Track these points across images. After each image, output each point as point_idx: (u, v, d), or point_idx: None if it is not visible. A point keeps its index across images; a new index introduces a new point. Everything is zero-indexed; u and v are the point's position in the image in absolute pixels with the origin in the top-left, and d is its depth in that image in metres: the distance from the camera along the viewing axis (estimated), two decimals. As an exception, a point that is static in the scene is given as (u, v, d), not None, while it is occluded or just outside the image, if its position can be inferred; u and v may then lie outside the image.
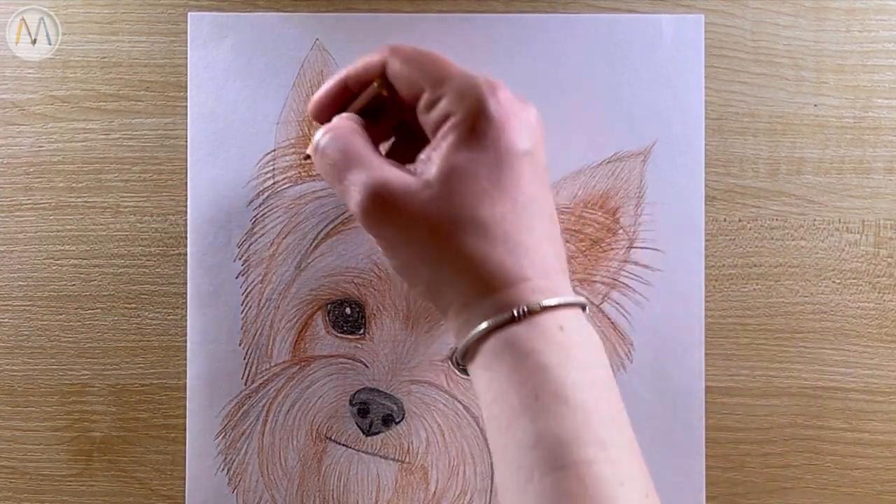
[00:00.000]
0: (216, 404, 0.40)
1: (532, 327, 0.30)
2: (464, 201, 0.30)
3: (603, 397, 0.29)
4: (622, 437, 0.29)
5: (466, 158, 0.31)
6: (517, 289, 0.30)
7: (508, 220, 0.31)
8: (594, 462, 0.27)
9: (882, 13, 0.40)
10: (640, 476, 0.29)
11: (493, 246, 0.30)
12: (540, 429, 0.28)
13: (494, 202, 0.31)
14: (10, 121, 0.40)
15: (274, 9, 0.40)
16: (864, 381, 0.40)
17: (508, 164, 0.31)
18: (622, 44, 0.40)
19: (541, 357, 0.29)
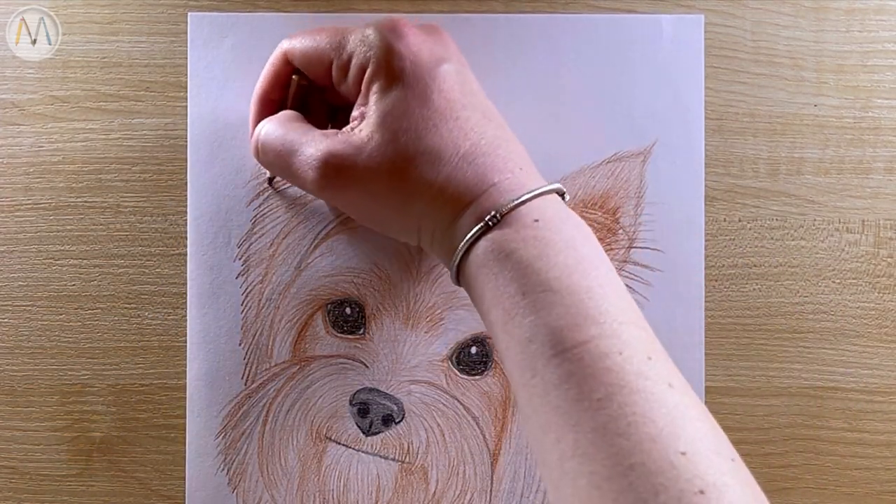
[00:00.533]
0: (216, 404, 0.40)
1: (507, 227, 0.30)
2: (407, 137, 0.31)
3: (591, 275, 0.29)
4: (615, 309, 0.29)
5: (394, 99, 0.31)
6: (486, 196, 0.31)
7: (456, 136, 0.31)
8: (590, 340, 0.27)
9: (882, 13, 0.40)
10: (639, 340, 0.28)
11: (451, 165, 0.31)
12: (532, 322, 0.28)
13: (437, 125, 0.31)
14: (10, 121, 0.40)
15: (274, 9, 0.40)
16: (864, 381, 0.40)
17: (435, 86, 0.32)
18: (622, 44, 0.40)
19: (520, 254, 0.29)
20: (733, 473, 0.26)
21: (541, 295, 0.29)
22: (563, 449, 0.27)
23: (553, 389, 0.27)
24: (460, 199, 0.31)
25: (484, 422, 0.40)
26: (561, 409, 0.27)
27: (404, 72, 0.32)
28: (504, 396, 0.40)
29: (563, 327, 0.28)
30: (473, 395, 0.40)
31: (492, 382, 0.40)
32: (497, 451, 0.40)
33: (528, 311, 0.29)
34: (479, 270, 0.31)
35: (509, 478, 0.40)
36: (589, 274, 0.29)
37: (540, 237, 0.30)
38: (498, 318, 0.30)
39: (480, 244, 0.31)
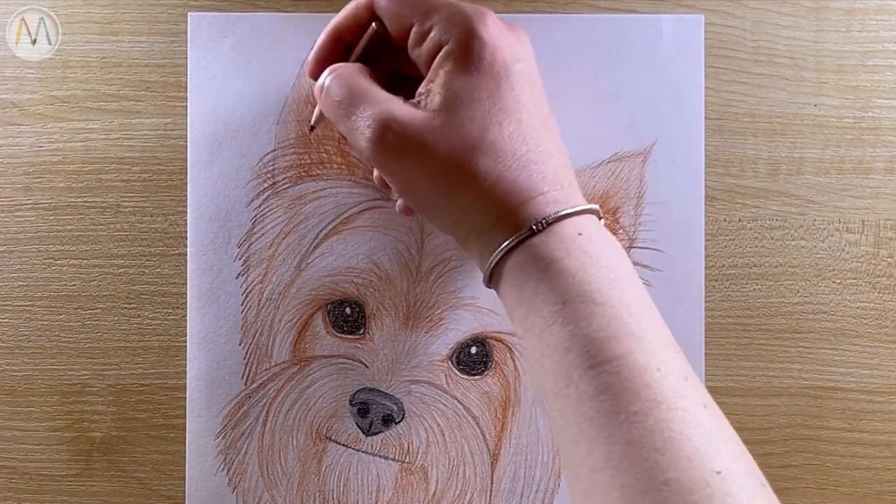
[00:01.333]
0: (216, 404, 0.40)
1: (552, 237, 0.30)
2: (472, 126, 0.31)
3: (630, 293, 0.29)
4: (653, 328, 0.29)
5: (466, 84, 0.31)
6: (533, 203, 0.31)
7: (516, 137, 0.31)
8: (629, 354, 0.27)
9: (882, 13, 0.40)
10: (675, 360, 0.28)
11: (505, 165, 0.31)
12: (572, 332, 0.28)
13: (501, 122, 0.31)
14: (10, 121, 0.40)
15: (274, 9, 0.40)
16: (864, 381, 0.40)
17: (508, 83, 0.31)
18: (622, 44, 0.40)
19: (564, 263, 0.29)
20: (765, 497, 0.26)
21: (582, 305, 0.29)
22: (594, 460, 0.27)
23: (588, 400, 0.27)
24: (507, 201, 0.31)
25: (484, 422, 0.40)
26: (595, 421, 0.27)
27: (482, 60, 0.31)
28: (504, 396, 0.40)
29: (602, 339, 0.28)
30: (473, 395, 0.40)
31: (492, 382, 0.40)
32: (497, 451, 0.40)
33: (568, 321, 0.29)
34: (519, 275, 0.31)
35: (509, 478, 0.40)
36: (628, 291, 0.29)
37: (584, 250, 0.30)
38: (535, 324, 0.30)
39: (522, 249, 0.31)
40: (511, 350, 0.40)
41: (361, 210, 0.40)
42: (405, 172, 0.33)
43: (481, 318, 0.40)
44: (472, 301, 0.40)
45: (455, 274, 0.40)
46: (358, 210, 0.40)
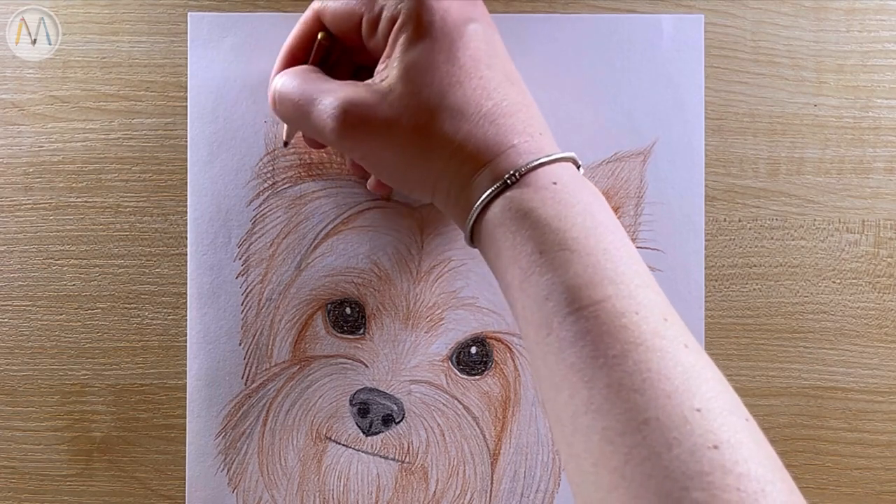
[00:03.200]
0: (216, 404, 0.40)
1: (526, 187, 0.30)
2: (431, 90, 0.31)
3: (607, 238, 0.29)
4: (632, 272, 0.29)
5: (420, 52, 0.31)
6: (505, 156, 0.31)
7: (479, 95, 0.31)
8: (606, 299, 0.28)
9: (882, 13, 0.40)
10: (655, 302, 0.28)
11: (471, 123, 0.31)
12: (550, 280, 0.28)
13: (461, 82, 0.31)
14: (10, 121, 0.40)
15: (274, 9, 0.40)
16: (864, 381, 0.40)
17: (462, 43, 0.32)
18: (622, 44, 0.40)
19: (538, 213, 0.29)
20: (747, 432, 0.26)
21: (558, 253, 0.29)
22: (576, 405, 0.27)
23: (568, 346, 0.28)
24: (479, 158, 0.31)
25: (484, 422, 0.40)
26: (575, 366, 0.27)
27: (433, 25, 0.32)
28: (504, 396, 0.40)
29: (580, 286, 0.28)
30: (473, 395, 0.40)
31: (492, 382, 0.40)
32: (497, 451, 0.40)
33: (546, 270, 0.29)
34: (497, 229, 0.31)
35: (509, 478, 0.40)
36: (605, 237, 0.29)
37: (558, 199, 0.30)
38: (515, 276, 0.30)
39: (498, 203, 0.31)
40: (511, 350, 0.40)
41: (361, 210, 0.40)
42: (374, 150, 0.33)
43: (481, 318, 0.40)
44: (472, 301, 0.40)
45: (455, 274, 0.40)
46: (358, 210, 0.40)
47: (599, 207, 0.31)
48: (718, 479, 0.24)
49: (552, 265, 0.29)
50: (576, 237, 0.29)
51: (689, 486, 0.24)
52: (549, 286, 0.28)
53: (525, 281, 0.29)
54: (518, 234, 0.30)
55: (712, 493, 0.24)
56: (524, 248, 0.29)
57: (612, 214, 0.31)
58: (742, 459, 0.25)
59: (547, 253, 0.29)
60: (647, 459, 0.25)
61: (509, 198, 0.30)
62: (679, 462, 0.25)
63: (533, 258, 0.29)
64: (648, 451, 0.25)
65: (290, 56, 0.36)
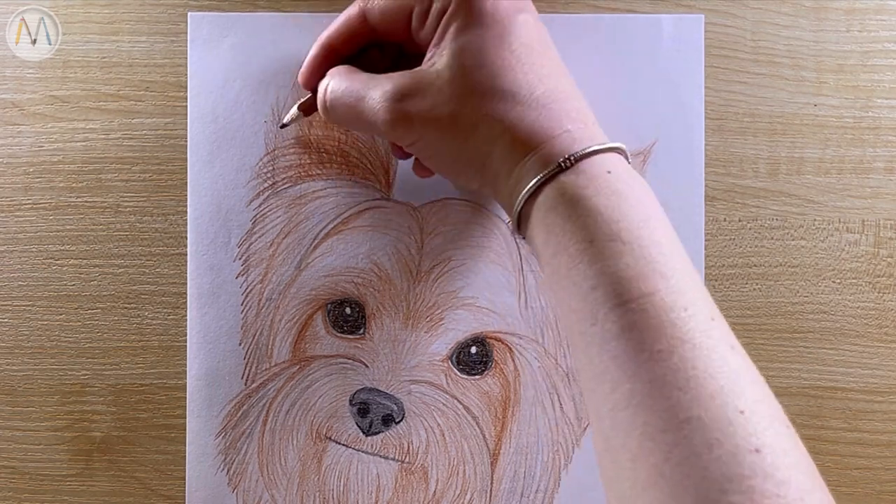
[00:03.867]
0: (216, 404, 0.40)
1: (579, 174, 0.30)
2: (481, 73, 0.31)
3: (658, 232, 0.29)
4: (681, 268, 0.28)
5: (471, 38, 0.31)
6: (559, 140, 0.30)
7: (531, 80, 0.31)
8: (655, 293, 0.27)
9: (882, 13, 0.40)
10: (703, 301, 0.28)
11: (524, 106, 0.31)
12: (599, 270, 0.28)
13: (512, 67, 0.31)
14: (10, 121, 0.40)
15: (274, 9, 0.40)
16: (864, 381, 0.40)
17: (514, 31, 0.32)
18: (622, 44, 0.40)
19: (592, 201, 0.29)
20: (789, 438, 0.26)
21: (609, 244, 0.28)
22: (616, 399, 0.27)
23: (613, 339, 0.27)
24: (530, 141, 0.31)
25: (484, 422, 0.40)
26: (619, 359, 0.27)
27: (484, 13, 0.31)
28: (504, 396, 0.40)
29: (630, 277, 0.27)
30: (473, 395, 0.40)
31: (492, 382, 0.40)
32: (497, 451, 0.40)
33: (596, 259, 0.28)
34: (548, 214, 0.30)
35: (509, 478, 0.40)
36: (657, 230, 0.29)
37: (612, 188, 0.29)
38: (562, 263, 0.29)
39: (549, 188, 0.30)
40: (511, 350, 0.40)
41: (361, 210, 0.40)
42: (424, 137, 0.33)
43: (481, 318, 0.40)
44: (472, 301, 0.40)
45: (455, 274, 0.40)
46: (358, 210, 0.40)
47: (651, 200, 0.30)
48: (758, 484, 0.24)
49: (602, 255, 0.28)
50: (628, 228, 0.28)
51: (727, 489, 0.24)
52: (598, 276, 0.28)
53: (573, 269, 0.29)
54: (569, 221, 0.29)
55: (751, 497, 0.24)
56: (575, 235, 0.29)
57: (660, 207, 0.30)
58: (784, 466, 0.24)
59: (598, 242, 0.28)
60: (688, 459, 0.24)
61: (562, 183, 0.30)
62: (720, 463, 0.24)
63: (583, 246, 0.29)
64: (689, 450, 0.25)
65: (328, 48, 0.36)
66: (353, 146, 0.40)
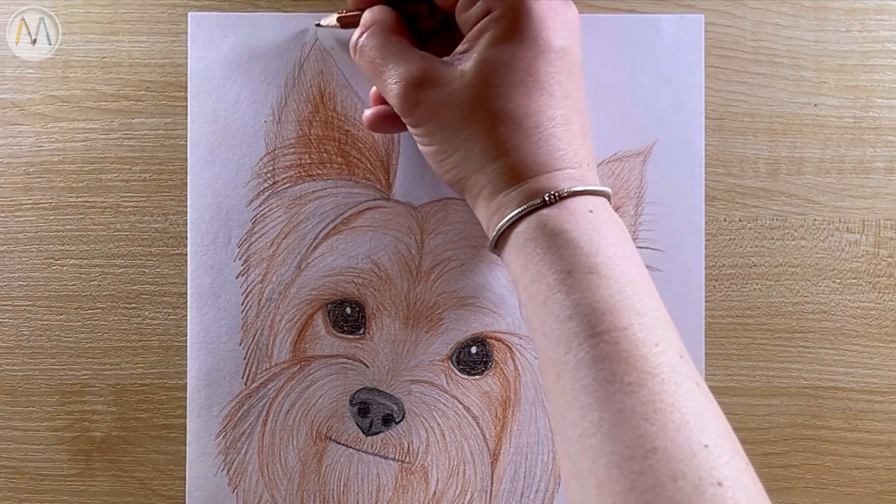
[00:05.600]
0: (216, 404, 0.40)
1: (563, 209, 0.31)
2: (497, 92, 0.32)
3: (634, 271, 0.30)
4: (654, 306, 0.30)
5: (503, 52, 0.32)
6: (549, 177, 0.31)
7: (543, 112, 0.32)
8: (629, 327, 0.28)
9: (882, 13, 0.40)
10: (673, 339, 0.29)
11: (526, 136, 0.31)
12: (575, 301, 0.29)
13: (531, 94, 0.32)
14: (10, 121, 0.40)
15: (274, 9, 0.40)
16: (864, 381, 0.40)
17: (546, 59, 0.32)
18: (622, 44, 0.40)
19: (573, 235, 0.30)
20: (748, 474, 0.27)
21: (587, 276, 0.29)
22: (585, 426, 0.27)
23: (585, 368, 0.28)
24: (524, 171, 0.32)
25: (484, 422, 0.40)
26: (590, 388, 0.28)
27: (524, 32, 0.32)
28: (504, 396, 0.40)
29: (605, 310, 0.28)
30: (473, 395, 0.40)
31: (492, 382, 0.40)
32: (497, 451, 0.40)
33: (573, 290, 0.29)
34: (528, 243, 0.31)
35: (509, 478, 0.40)
36: (632, 269, 0.30)
37: (593, 225, 0.31)
38: (539, 291, 0.30)
39: (532, 218, 0.31)
40: (511, 350, 0.40)
41: (361, 210, 0.40)
42: (428, 128, 0.33)
43: (481, 318, 0.40)
44: (472, 301, 0.40)
45: (455, 274, 0.40)
46: (358, 210, 0.40)
47: (627, 242, 0.31)
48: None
49: (580, 286, 0.29)
50: (605, 263, 0.29)
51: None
52: (574, 306, 0.29)
53: (550, 298, 0.30)
54: (549, 252, 0.30)
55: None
56: (554, 265, 0.30)
57: (636, 251, 0.32)
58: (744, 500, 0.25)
59: (576, 273, 0.29)
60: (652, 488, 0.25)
61: (545, 216, 0.31)
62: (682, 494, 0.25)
63: (561, 277, 0.30)
64: (654, 479, 0.25)
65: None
66: (353, 146, 0.40)
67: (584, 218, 0.31)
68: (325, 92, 0.40)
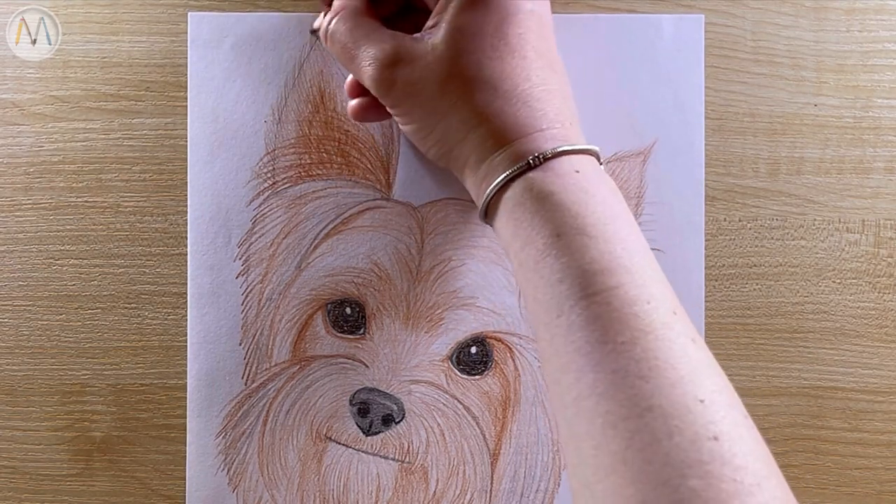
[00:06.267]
0: (216, 404, 0.40)
1: (549, 171, 0.30)
2: (470, 59, 0.31)
3: (624, 229, 0.30)
4: (646, 264, 0.29)
5: (472, 18, 0.32)
6: (532, 138, 0.31)
7: (518, 74, 0.32)
8: (620, 286, 0.28)
9: (882, 13, 0.40)
10: (666, 295, 0.29)
11: (504, 100, 0.31)
12: (565, 264, 0.29)
13: (503, 58, 0.31)
14: (10, 121, 0.40)
15: (274, 9, 0.40)
16: (864, 381, 0.40)
17: (515, 21, 0.32)
18: (622, 44, 0.40)
19: (560, 197, 0.30)
20: (747, 427, 0.27)
21: (576, 238, 0.29)
22: (580, 388, 0.27)
23: (578, 330, 0.28)
24: (505, 135, 0.31)
25: (484, 422, 0.40)
26: (583, 350, 0.27)
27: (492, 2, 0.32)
28: (504, 396, 0.40)
29: (595, 271, 0.28)
30: (473, 395, 0.40)
31: (492, 382, 0.40)
32: (497, 451, 0.40)
33: (562, 252, 0.29)
34: (516, 208, 0.31)
35: (509, 478, 0.40)
36: (622, 228, 0.30)
37: (580, 186, 0.30)
38: (529, 256, 0.30)
39: (518, 182, 0.31)
40: (511, 350, 0.40)
41: (361, 210, 0.40)
42: (406, 107, 0.33)
43: (481, 318, 0.40)
44: (472, 301, 0.40)
45: (455, 274, 0.40)
46: (358, 210, 0.40)
47: (617, 200, 0.31)
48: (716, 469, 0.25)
49: (569, 248, 0.29)
50: (594, 224, 0.29)
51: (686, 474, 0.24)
52: (565, 269, 0.29)
53: (540, 262, 0.30)
54: (537, 216, 0.30)
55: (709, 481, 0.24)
56: (543, 229, 0.30)
57: (627, 208, 0.31)
58: (741, 453, 0.25)
59: (565, 236, 0.29)
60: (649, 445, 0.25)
61: (531, 179, 0.31)
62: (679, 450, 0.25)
63: (550, 240, 0.29)
64: (650, 437, 0.25)
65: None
66: (353, 146, 0.40)
67: (570, 179, 0.30)
68: (325, 92, 0.40)
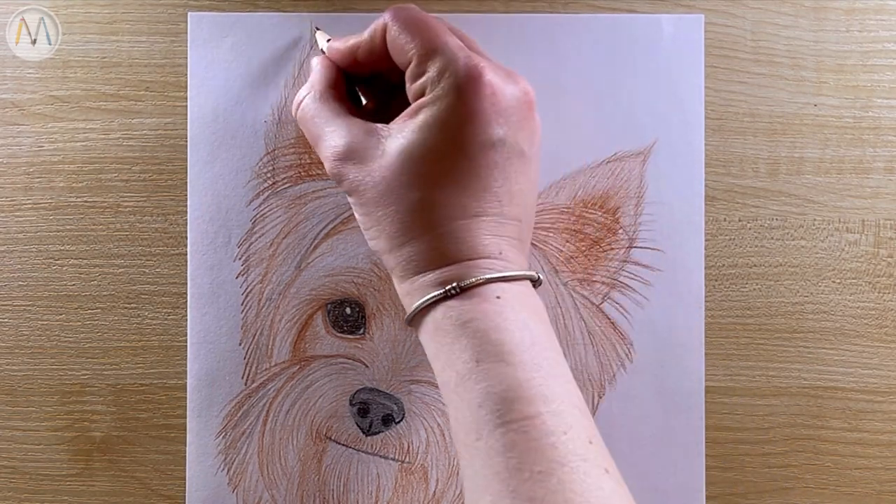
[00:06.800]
0: (216, 404, 0.40)
1: (471, 298, 0.31)
2: (409, 180, 0.31)
3: (543, 356, 0.30)
4: (564, 391, 0.30)
5: (426, 140, 0.31)
6: (455, 267, 0.32)
7: (453, 204, 0.32)
8: (537, 415, 0.29)
9: (882, 13, 0.40)
10: (582, 425, 0.30)
11: (431, 227, 0.32)
12: (484, 390, 0.29)
13: (443, 188, 0.31)
14: (10, 121, 0.40)
15: (274, 9, 0.40)
16: (864, 381, 0.40)
17: (470, 154, 0.31)
18: (622, 44, 0.40)
19: (478, 324, 0.30)
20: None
21: (494, 365, 0.30)
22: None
23: (496, 455, 0.29)
24: (427, 261, 0.32)
25: (482, 420, 0.40)
26: (501, 476, 0.28)
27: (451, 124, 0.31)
28: (504, 396, 0.40)
29: (512, 399, 0.29)
30: (473, 395, 0.40)
31: (492, 382, 0.40)
32: (497, 451, 0.40)
33: (481, 378, 0.30)
34: (437, 331, 0.32)
35: (509, 478, 0.40)
36: (541, 354, 0.30)
37: (499, 312, 0.31)
38: (451, 378, 0.31)
39: (440, 308, 0.31)
40: (511, 350, 0.40)
41: (361, 210, 0.40)
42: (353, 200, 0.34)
43: (481, 318, 0.40)
44: (472, 301, 0.40)
45: (455, 274, 0.40)
46: (358, 210, 0.40)
47: (537, 324, 0.31)
48: None
49: (488, 375, 0.30)
50: (512, 351, 0.30)
51: None
52: (483, 395, 0.29)
53: (460, 385, 0.30)
54: (457, 342, 0.31)
55: None
56: (463, 354, 0.30)
57: (550, 332, 0.32)
58: None
59: (483, 362, 0.30)
60: None
61: (451, 306, 0.31)
62: None
63: (469, 366, 0.30)
64: None
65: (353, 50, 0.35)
66: (353, 146, 0.40)
67: (490, 305, 0.31)
68: (325, 92, 0.40)
